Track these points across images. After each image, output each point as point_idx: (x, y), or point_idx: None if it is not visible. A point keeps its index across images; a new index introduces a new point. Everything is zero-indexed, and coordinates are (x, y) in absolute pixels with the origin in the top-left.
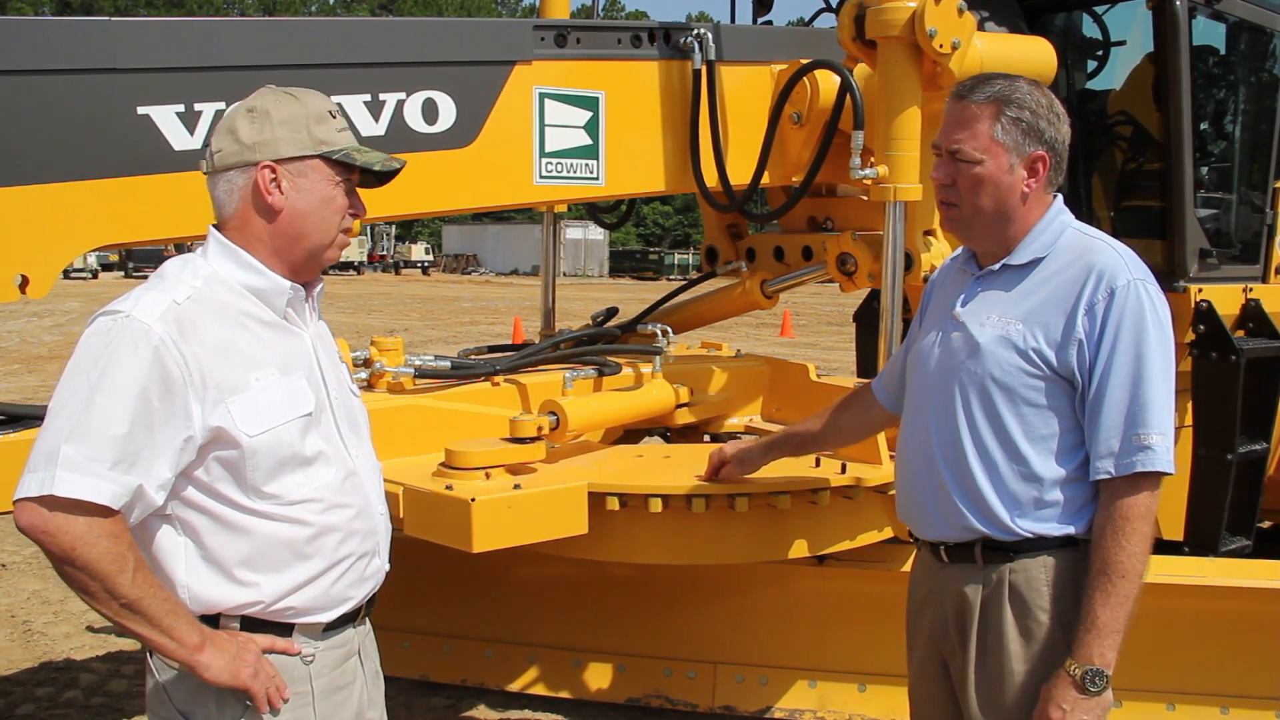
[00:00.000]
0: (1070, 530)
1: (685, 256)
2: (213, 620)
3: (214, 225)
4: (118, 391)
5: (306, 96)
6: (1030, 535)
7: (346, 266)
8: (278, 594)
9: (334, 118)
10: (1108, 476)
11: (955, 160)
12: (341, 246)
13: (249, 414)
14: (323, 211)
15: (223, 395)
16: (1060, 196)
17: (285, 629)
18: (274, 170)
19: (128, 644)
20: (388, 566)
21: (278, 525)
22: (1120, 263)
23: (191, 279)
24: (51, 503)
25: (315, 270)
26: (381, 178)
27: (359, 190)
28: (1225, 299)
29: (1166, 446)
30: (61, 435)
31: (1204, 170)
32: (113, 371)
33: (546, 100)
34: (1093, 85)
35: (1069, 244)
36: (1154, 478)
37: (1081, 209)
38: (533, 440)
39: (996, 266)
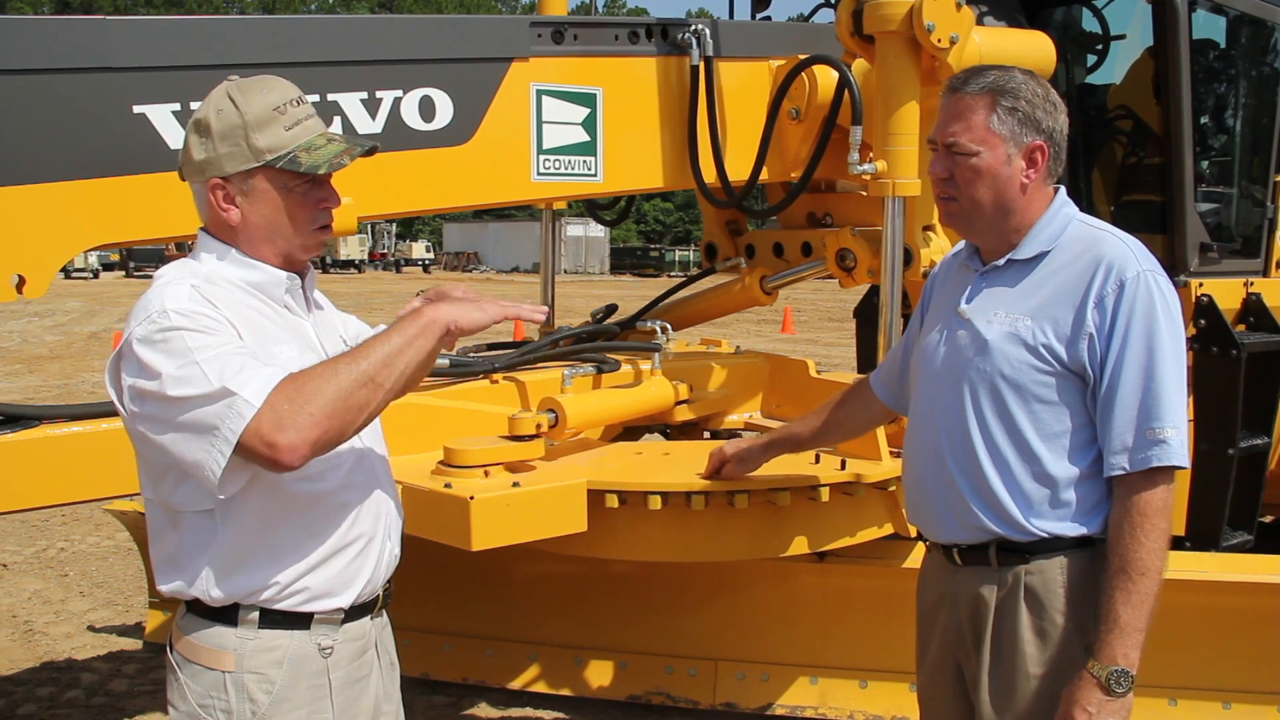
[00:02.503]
0: (1085, 530)
1: (686, 253)
2: (231, 611)
3: (202, 227)
4: (211, 347)
5: (250, 97)
6: (1046, 535)
7: (348, 265)
8: (294, 575)
9: (283, 113)
10: (1123, 472)
11: (952, 153)
12: (317, 242)
13: None
14: (279, 218)
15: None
16: (1063, 189)
17: (304, 619)
18: (223, 187)
19: (129, 644)
20: (398, 551)
21: (293, 503)
22: (1129, 254)
23: (191, 277)
24: (276, 424)
25: (296, 265)
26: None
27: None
28: (1226, 293)
29: (1181, 440)
30: (220, 388)
31: (1204, 164)
32: (199, 345)
33: (544, 97)
34: (1092, 80)
35: (1075, 236)
36: (1169, 472)
37: (1082, 203)
38: (531, 438)
39: (1001, 262)
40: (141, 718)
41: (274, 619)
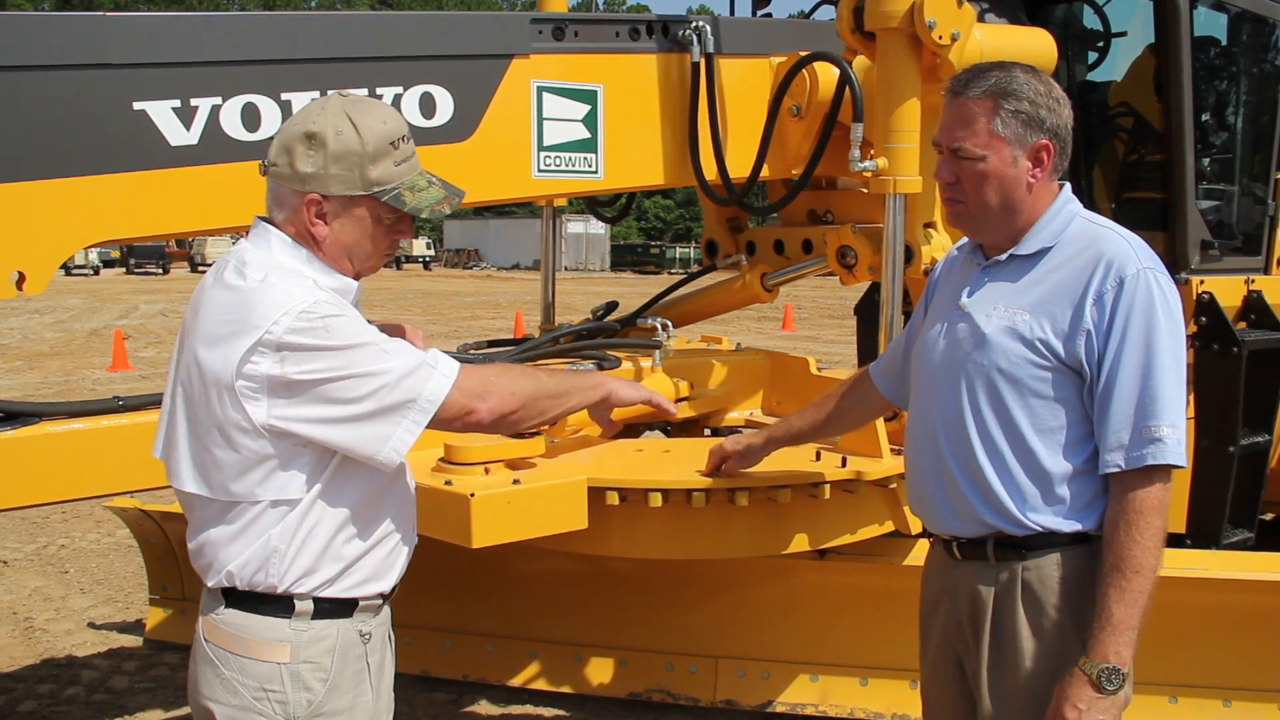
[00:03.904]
0: (1081, 526)
1: (687, 250)
2: (286, 602)
3: (265, 219)
4: (374, 331)
5: (370, 125)
6: (1041, 530)
7: None
8: (349, 559)
9: (396, 148)
10: (1118, 470)
11: (957, 158)
12: (381, 265)
13: None
14: (364, 243)
15: None
16: (1068, 185)
17: (348, 607)
18: (319, 204)
19: (129, 641)
20: (416, 540)
21: (364, 494)
22: (1129, 251)
23: (290, 275)
24: (483, 386)
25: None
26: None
27: None
28: (1227, 291)
29: (1178, 439)
30: (418, 361)
31: (1205, 162)
32: (363, 330)
33: (544, 94)
34: (1094, 77)
35: (1077, 233)
36: (1165, 470)
37: (1083, 200)
38: (532, 435)
39: (1003, 257)
40: (142, 714)
41: (323, 608)
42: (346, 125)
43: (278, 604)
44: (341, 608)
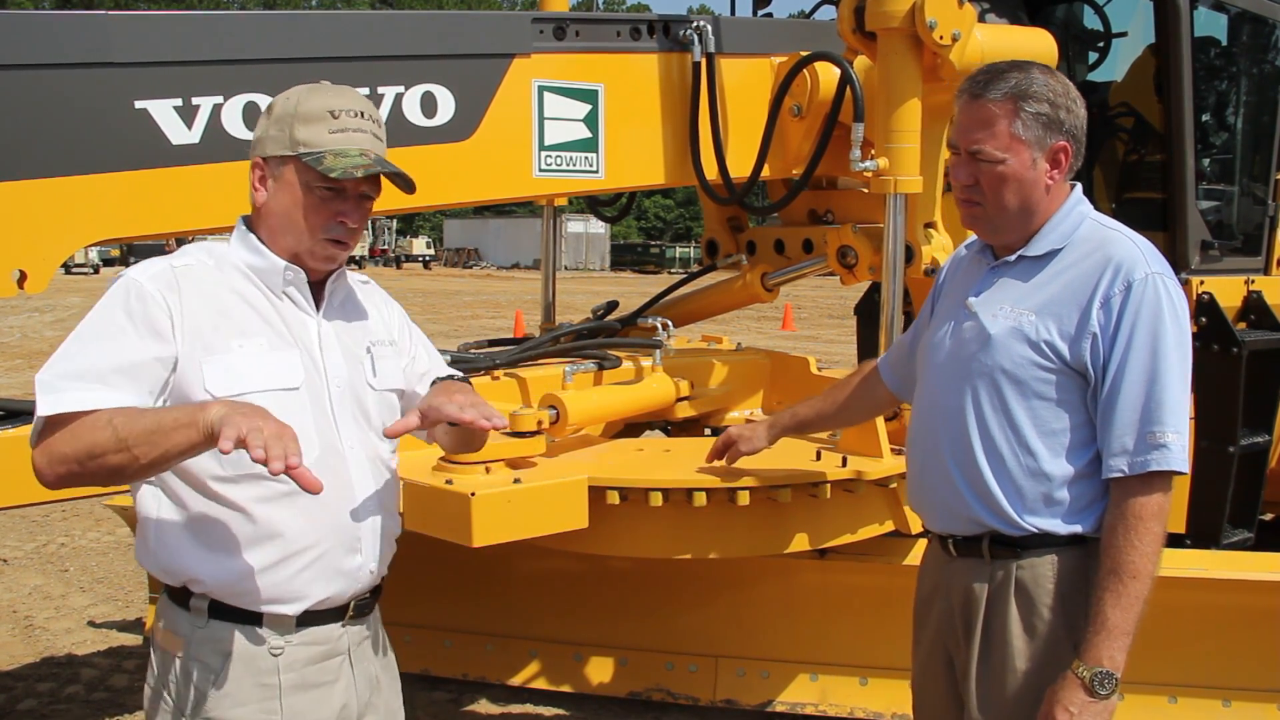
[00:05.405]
0: (1077, 529)
1: (687, 250)
2: (184, 595)
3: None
4: (93, 321)
5: (316, 95)
6: (1037, 531)
7: (348, 260)
8: (235, 575)
9: (336, 117)
10: (1121, 475)
11: (976, 160)
12: (327, 252)
13: (220, 376)
14: (294, 213)
15: (199, 352)
16: (1079, 186)
17: (254, 617)
18: (261, 167)
19: (129, 639)
20: (372, 567)
21: (216, 500)
22: (1138, 256)
23: (199, 254)
24: (44, 448)
25: (307, 265)
26: (404, 182)
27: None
28: (1227, 291)
29: (1182, 445)
30: (49, 377)
31: (1206, 162)
32: (96, 311)
33: (545, 93)
34: (1094, 77)
35: (1086, 235)
36: (1167, 477)
37: None
38: (533, 434)
39: (1012, 257)
40: (141, 713)
41: (223, 610)
42: (295, 94)
43: (181, 596)
44: (243, 614)
